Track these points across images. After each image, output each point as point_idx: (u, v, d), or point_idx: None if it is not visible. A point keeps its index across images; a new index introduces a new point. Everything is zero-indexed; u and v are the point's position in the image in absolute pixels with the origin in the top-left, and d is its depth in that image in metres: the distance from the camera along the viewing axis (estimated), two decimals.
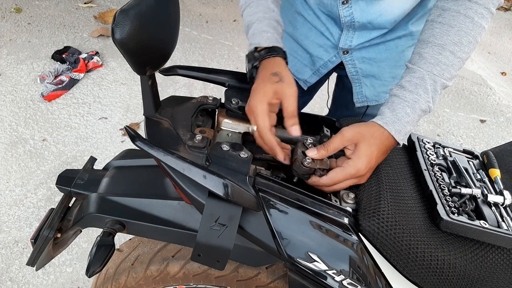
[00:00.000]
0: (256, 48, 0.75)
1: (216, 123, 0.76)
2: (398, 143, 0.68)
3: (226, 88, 0.76)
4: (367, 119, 1.07)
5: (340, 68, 1.03)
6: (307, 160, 0.64)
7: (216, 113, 0.76)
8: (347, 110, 1.16)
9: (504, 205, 0.68)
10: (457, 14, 0.68)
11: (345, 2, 0.88)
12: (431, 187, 0.68)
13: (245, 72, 0.77)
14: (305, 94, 1.18)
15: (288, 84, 0.68)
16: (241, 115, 0.73)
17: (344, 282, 0.62)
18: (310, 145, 0.67)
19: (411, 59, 0.71)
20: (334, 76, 1.18)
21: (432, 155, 0.76)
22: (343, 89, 1.15)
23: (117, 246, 0.79)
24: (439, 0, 0.72)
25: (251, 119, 0.68)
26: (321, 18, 0.95)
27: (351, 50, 0.96)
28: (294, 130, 0.67)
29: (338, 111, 1.22)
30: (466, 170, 0.74)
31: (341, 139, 0.66)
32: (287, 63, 0.76)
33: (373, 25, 0.90)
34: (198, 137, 0.65)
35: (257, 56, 0.74)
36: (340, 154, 0.69)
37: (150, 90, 0.66)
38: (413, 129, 0.69)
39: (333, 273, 0.62)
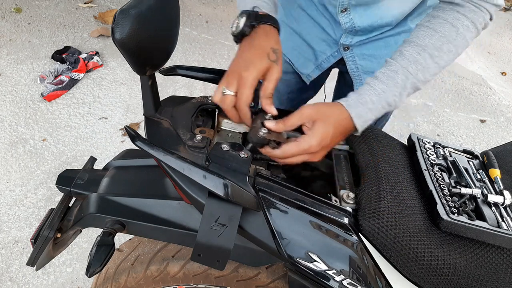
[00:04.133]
0: (254, 8, 0.73)
1: (216, 123, 0.76)
2: (356, 129, 0.69)
3: None
4: None
5: (342, 63, 1.04)
6: (263, 130, 0.65)
7: (216, 113, 0.76)
8: None
9: (504, 205, 0.68)
10: (444, 21, 0.70)
11: (343, 10, 0.89)
12: (431, 187, 0.68)
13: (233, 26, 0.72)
14: (308, 89, 1.19)
15: (279, 67, 0.68)
16: None
17: (344, 282, 0.62)
18: (270, 118, 0.68)
19: (393, 54, 0.73)
20: (335, 73, 1.18)
21: (432, 155, 0.76)
22: (345, 85, 1.16)
23: (117, 246, 0.79)
24: (431, 10, 0.74)
25: (231, 83, 0.65)
26: (324, 14, 0.96)
27: (351, 46, 0.97)
28: (271, 108, 0.68)
29: None
30: (466, 170, 0.74)
31: (300, 116, 0.66)
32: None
33: (373, 27, 0.91)
34: (198, 137, 0.65)
35: (257, 17, 0.71)
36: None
37: (150, 90, 0.66)
38: (374, 119, 0.70)
39: (333, 273, 0.62)
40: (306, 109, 0.66)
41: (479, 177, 0.73)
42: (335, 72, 1.17)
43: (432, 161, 0.74)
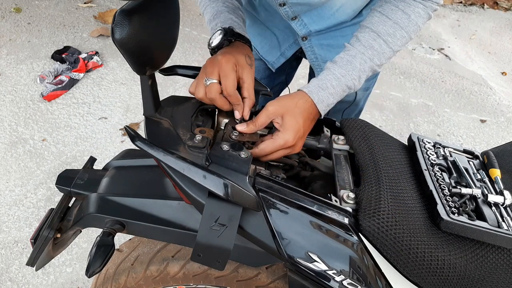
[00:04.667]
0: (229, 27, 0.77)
1: (216, 123, 0.76)
2: (320, 114, 0.72)
3: None
4: (342, 105, 1.10)
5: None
6: (234, 133, 0.68)
7: (216, 113, 0.76)
8: None
9: (504, 205, 0.68)
10: (395, 8, 0.73)
11: (294, 18, 0.91)
12: (431, 187, 0.68)
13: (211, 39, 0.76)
14: (279, 76, 1.19)
15: (253, 72, 0.72)
16: None
17: (344, 282, 0.62)
18: (242, 121, 0.72)
19: (350, 40, 0.75)
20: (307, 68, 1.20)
21: (433, 155, 0.76)
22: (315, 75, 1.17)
23: (117, 246, 0.79)
24: None
25: (211, 73, 0.68)
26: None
27: (309, 36, 0.97)
28: (247, 111, 0.72)
29: None
30: (467, 170, 0.74)
31: (266, 114, 0.69)
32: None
33: (330, 28, 0.93)
34: (198, 137, 0.65)
35: (234, 34, 0.75)
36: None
37: (150, 90, 0.66)
38: (335, 103, 0.73)
39: (333, 273, 0.62)
40: (271, 106, 0.69)
41: (479, 177, 0.73)
42: None
43: (432, 161, 0.74)
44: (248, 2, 1.05)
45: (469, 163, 0.77)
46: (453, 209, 0.65)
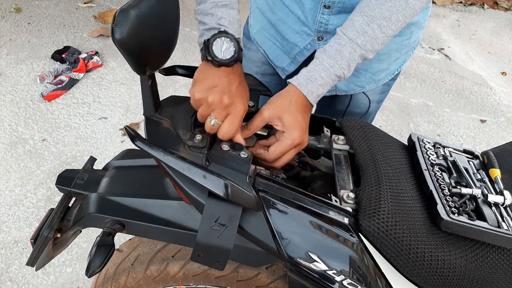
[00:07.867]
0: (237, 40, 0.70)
1: None
2: (311, 104, 0.72)
3: None
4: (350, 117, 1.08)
5: None
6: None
7: None
8: (329, 108, 1.14)
9: (504, 205, 0.68)
10: None
11: (327, 6, 0.84)
12: (431, 187, 0.68)
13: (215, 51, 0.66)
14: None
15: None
16: None
17: (344, 282, 0.62)
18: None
19: (344, 24, 0.73)
20: None
21: (433, 155, 0.76)
22: None
23: (117, 246, 0.79)
24: None
25: (221, 114, 0.65)
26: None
27: (326, 35, 0.91)
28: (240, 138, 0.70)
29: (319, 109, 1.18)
30: (467, 170, 0.74)
31: (261, 119, 0.69)
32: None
33: (352, 4, 0.84)
34: (198, 137, 0.65)
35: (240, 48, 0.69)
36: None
37: (150, 90, 0.66)
38: (325, 92, 0.72)
39: (333, 273, 0.62)
40: (266, 111, 0.69)
41: (479, 177, 0.73)
42: None
43: (432, 161, 0.74)
44: (262, 2, 1.00)
45: (469, 163, 0.77)
46: (453, 209, 0.65)
